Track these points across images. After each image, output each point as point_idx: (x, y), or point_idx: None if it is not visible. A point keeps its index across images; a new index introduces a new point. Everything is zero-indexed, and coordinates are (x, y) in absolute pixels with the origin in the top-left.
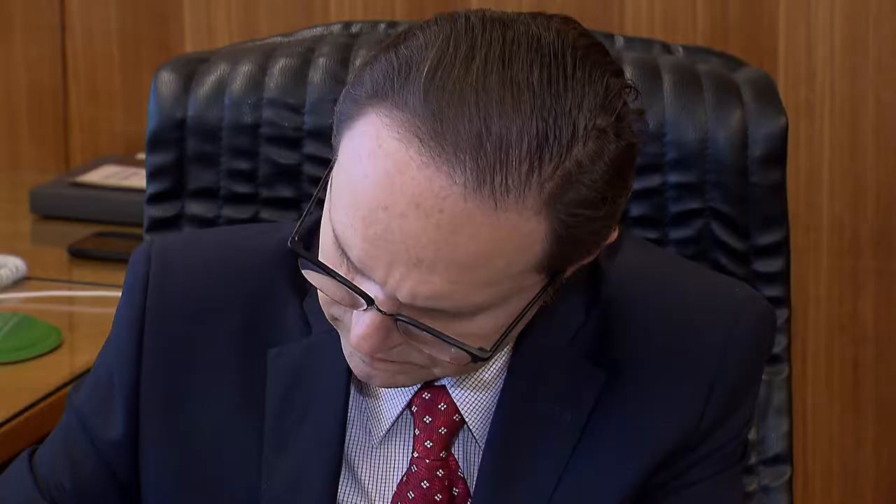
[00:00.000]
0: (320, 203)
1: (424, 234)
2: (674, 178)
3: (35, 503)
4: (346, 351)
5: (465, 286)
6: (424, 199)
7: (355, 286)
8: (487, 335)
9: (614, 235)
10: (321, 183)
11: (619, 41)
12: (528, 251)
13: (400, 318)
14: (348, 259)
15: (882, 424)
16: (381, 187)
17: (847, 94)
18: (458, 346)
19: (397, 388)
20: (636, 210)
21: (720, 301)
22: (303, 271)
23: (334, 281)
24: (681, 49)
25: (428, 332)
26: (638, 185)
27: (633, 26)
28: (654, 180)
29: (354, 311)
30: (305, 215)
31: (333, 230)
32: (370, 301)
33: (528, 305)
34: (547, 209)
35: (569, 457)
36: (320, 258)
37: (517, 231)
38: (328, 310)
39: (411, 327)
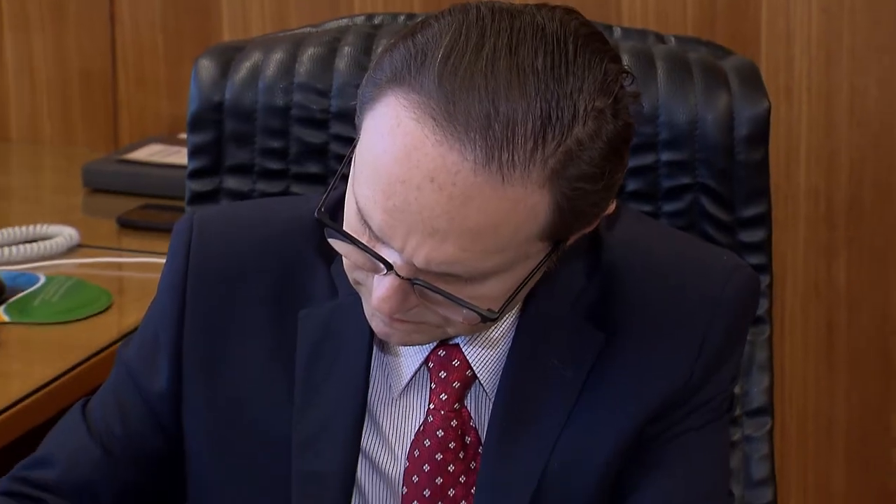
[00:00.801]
0: (344, 178)
1: (438, 206)
2: (666, 156)
3: (88, 447)
4: (367, 312)
5: (476, 253)
6: (438, 174)
7: (376, 253)
8: (496, 298)
9: (612, 207)
10: (345, 159)
11: (617, 32)
12: (533, 221)
13: (416, 282)
14: (370, 228)
15: (853, 380)
16: (399, 163)
17: (823, 80)
18: (469, 308)
19: (414, 346)
20: (632, 185)
21: (710, 268)
22: (329, 240)
23: (357, 248)
24: (673, 39)
25: (442, 294)
26: (633, 162)
27: (629, 18)
28: (648, 158)
29: (375, 276)
30: (331, 189)
31: (356, 202)
32: (389, 266)
33: (533, 271)
34: (550, 183)
35: (571, 409)
36: (345, 228)
37: (523, 203)
38: (352, 275)
39: (427, 290)
